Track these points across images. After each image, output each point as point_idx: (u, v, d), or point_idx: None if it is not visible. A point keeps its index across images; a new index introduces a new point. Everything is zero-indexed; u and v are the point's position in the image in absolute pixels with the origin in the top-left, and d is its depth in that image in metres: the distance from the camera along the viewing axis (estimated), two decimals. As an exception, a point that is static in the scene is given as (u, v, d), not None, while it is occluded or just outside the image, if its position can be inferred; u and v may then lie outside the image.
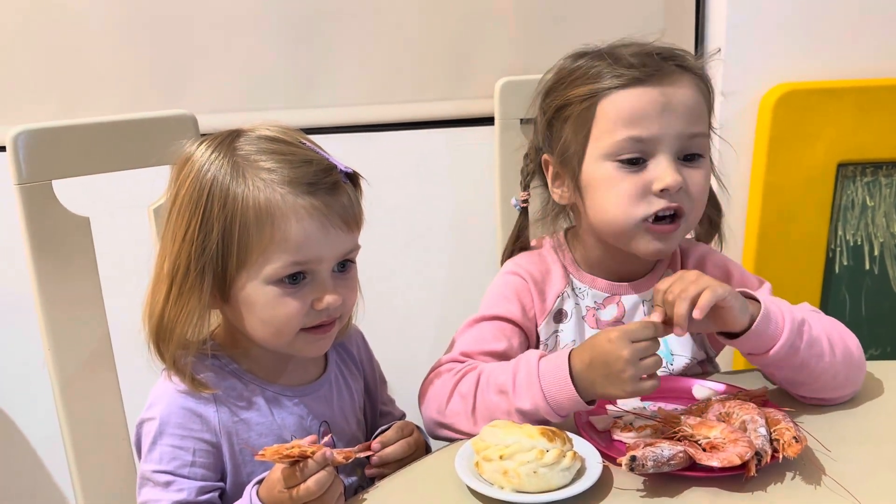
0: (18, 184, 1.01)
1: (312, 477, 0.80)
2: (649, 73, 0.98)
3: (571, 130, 1.02)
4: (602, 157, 1.00)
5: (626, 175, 0.99)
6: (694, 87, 1.00)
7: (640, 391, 0.89)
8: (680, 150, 0.99)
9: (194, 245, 0.87)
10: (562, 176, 1.06)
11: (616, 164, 0.99)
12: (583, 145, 1.01)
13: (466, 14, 1.57)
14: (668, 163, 0.98)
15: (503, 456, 0.82)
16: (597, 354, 0.89)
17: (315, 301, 0.89)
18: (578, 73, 1.03)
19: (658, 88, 0.98)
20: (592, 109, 1.00)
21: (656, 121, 0.97)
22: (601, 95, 0.99)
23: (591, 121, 1.00)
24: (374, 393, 1.08)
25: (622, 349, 0.87)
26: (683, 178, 0.98)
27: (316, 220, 0.87)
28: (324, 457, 0.81)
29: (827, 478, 0.83)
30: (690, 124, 0.99)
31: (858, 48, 1.62)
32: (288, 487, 0.80)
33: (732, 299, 0.90)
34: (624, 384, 0.88)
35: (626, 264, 1.07)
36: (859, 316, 1.71)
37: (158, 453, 0.89)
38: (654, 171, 0.98)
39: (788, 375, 0.97)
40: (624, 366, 0.87)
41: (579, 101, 1.01)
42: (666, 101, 0.98)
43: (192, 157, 0.90)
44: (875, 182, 1.66)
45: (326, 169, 0.89)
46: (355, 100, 1.59)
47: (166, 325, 0.89)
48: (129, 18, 1.48)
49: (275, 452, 0.80)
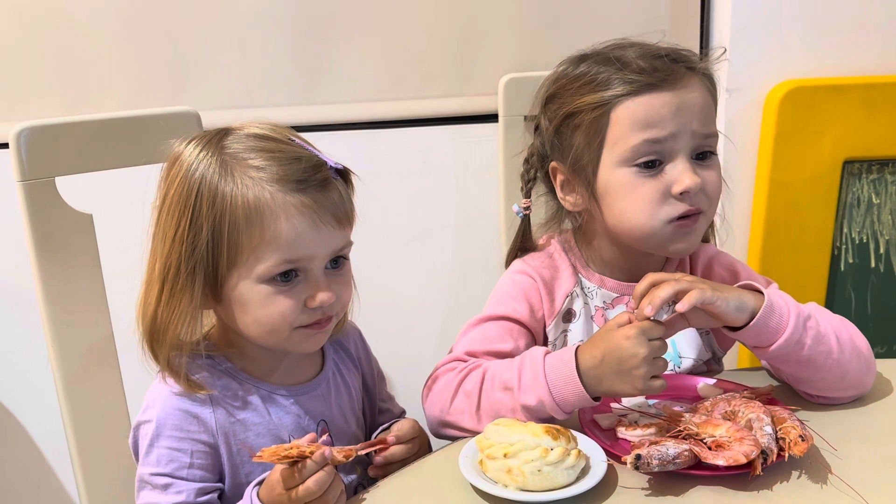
0: (21, 181, 1.01)
1: (312, 477, 0.80)
2: (661, 77, 0.98)
3: (584, 139, 1.01)
4: (618, 163, 1.00)
5: (644, 180, 0.99)
6: (703, 87, 1.01)
7: (650, 390, 0.89)
8: (694, 149, 0.99)
9: (184, 245, 0.87)
10: (572, 183, 1.06)
11: (633, 169, 0.99)
12: (597, 153, 1.01)
13: (470, 11, 1.57)
14: (686, 164, 0.98)
15: (507, 454, 0.82)
16: (610, 350, 0.89)
17: (308, 299, 0.88)
18: (585, 79, 1.02)
19: (671, 92, 0.98)
20: (606, 117, 0.99)
21: (671, 122, 0.97)
22: (614, 103, 0.99)
23: (605, 128, 1.00)
24: (372, 390, 1.08)
25: (640, 346, 0.87)
26: (701, 178, 0.98)
27: (306, 217, 0.86)
28: (322, 456, 0.80)
29: (833, 476, 0.83)
30: (703, 124, 0.99)
31: (864, 45, 1.62)
32: (287, 489, 0.80)
33: (722, 303, 0.90)
34: (635, 381, 0.88)
35: (638, 264, 1.06)
36: (865, 313, 1.70)
37: (156, 456, 0.88)
38: (672, 173, 0.98)
39: (794, 371, 0.97)
40: (640, 363, 0.87)
41: (590, 109, 1.00)
42: (679, 103, 0.98)
43: (180, 156, 0.90)
44: (881, 179, 1.65)
45: (316, 166, 0.89)
46: (360, 96, 1.59)
47: (159, 327, 0.89)
48: (133, 15, 1.47)
49: (272, 454, 0.79)
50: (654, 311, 0.88)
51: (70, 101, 1.49)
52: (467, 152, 1.63)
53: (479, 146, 1.61)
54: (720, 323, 0.93)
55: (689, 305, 0.88)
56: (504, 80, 1.31)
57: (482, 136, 1.59)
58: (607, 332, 0.91)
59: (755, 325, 0.91)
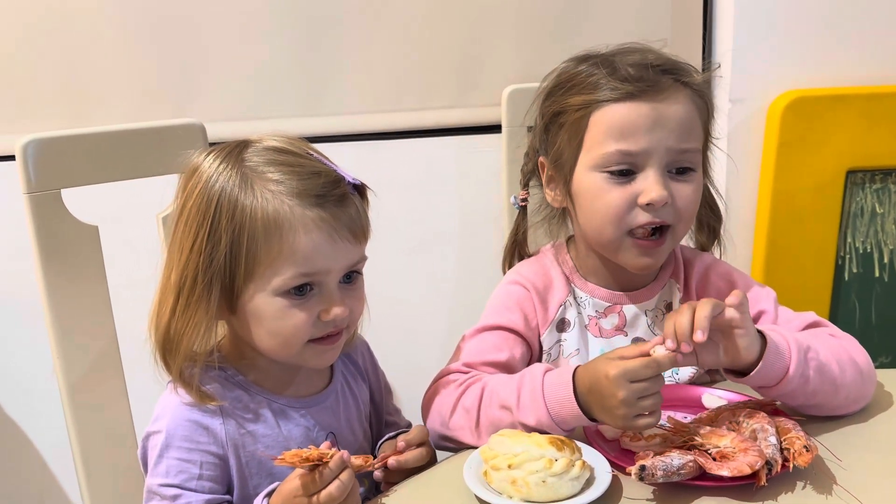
0: (28, 192, 1.01)
1: (334, 482, 0.80)
2: (642, 88, 0.98)
3: (566, 138, 1.03)
4: (592, 167, 1.00)
5: (613, 186, 0.99)
6: (689, 102, 1.00)
7: (633, 428, 0.88)
8: (670, 163, 0.99)
9: (202, 256, 0.87)
10: (555, 180, 1.07)
11: (605, 174, 0.99)
12: (575, 154, 1.02)
13: (474, 22, 1.58)
14: (657, 177, 0.98)
15: (512, 465, 0.82)
16: (594, 383, 0.88)
17: (322, 312, 0.89)
18: (577, 80, 1.03)
19: (650, 104, 0.98)
20: (585, 120, 1.00)
21: (646, 135, 0.98)
22: (594, 107, 1.00)
23: (583, 130, 1.01)
24: (379, 403, 1.08)
25: (618, 389, 0.85)
26: (671, 192, 0.98)
27: (324, 232, 0.87)
28: (341, 460, 0.81)
29: (838, 487, 0.83)
30: (681, 140, 0.99)
31: (867, 55, 1.62)
32: (308, 495, 0.80)
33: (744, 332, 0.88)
34: (616, 420, 0.87)
35: (625, 273, 1.06)
36: (869, 323, 1.70)
37: (165, 467, 0.88)
38: (641, 183, 0.98)
39: (803, 402, 0.96)
40: (618, 405, 0.85)
41: (574, 109, 1.02)
42: (657, 116, 0.98)
43: (199, 168, 0.90)
44: (884, 189, 1.65)
45: (335, 181, 0.89)
46: (363, 108, 1.59)
47: (173, 337, 0.89)
48: (138, 28, 1.48)
49: (294, 455, 0.79)
50: (705, 336, 0.85)
51: (75, 114, 1.49)
52: (471, 163, 1.63)
53: (482, 157, 1.61)
54: (729, 360, 0.91)
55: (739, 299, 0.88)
56: (507, 91, 1.31)
57: (486, 147, 1.59)
58: (600, 360, 0.89)
59: (764, 365, 0.90)
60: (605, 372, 0.86)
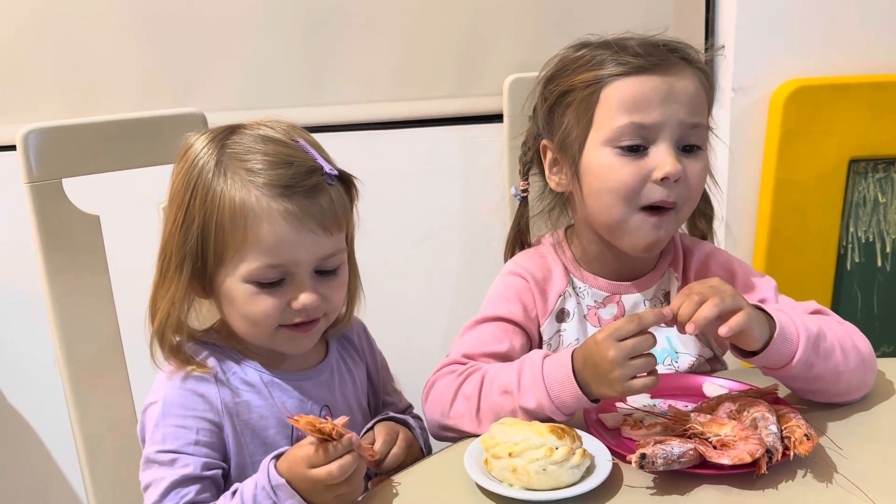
0: (29, 182, 1.02)
1: (337, 461, 0.80)
2: (654, 62, 0.98)
3: (574, 116, 1.02)
4: (603, 143, 1.00)
5: (626, 162, 0.99)
6: (696, 79, 1.01)
7: (630, 391, 0.87)
8: (680, 138, 0.99)
9: (177, 235, 0.89)
10: (560, 162, 1.06)
11: (616, 150, 0.99)
12: (585, 131, 1.02)
13: (475, 11, 1.57)
14: (669, 150, 0.98)
15: (512, 453, 0.82)
16: (587, 355, 0.89)
17: (292, 300, 0.89)
18: (583, 60, 1.03)
19: (661, 77, 0.98)
20: (596, 95, 1.00)
21: (658, 108, 0.98)
22: (605, 82, 1.00)
23: (594, 107, 1.00)
24: (376, 382, 1.08)
25: (607, 350, 0.86)
26: (684, 167, 0.98)
27: (289, 223, 0.87)
28: (350, 441, 0.80)
29: (838, 475, 0.83)
30: (692, 114, 0.99)
31: (870, 44, 1.61)
32: (310, 467, 0.80)
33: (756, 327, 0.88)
34: (613, 384, 0.87)
35: (625, 261, 1.06)
36: (871, 313, 1.70)
37: (161, 434, 0.89)
38: (655, 158, 0.98)
39: (803, 386, 0.96)
40: (611, 367, 0.86)
41: (583, 87, 1.01)
42: (669, 90, 0.98)
43: (190, 148, 0.91)
44: (887, 178, 1.65)
45: (308, 171, 0.89)
46: (365, 98, 1.59)
47: (153, 304, 0.92)
48: (139, 17, 1.48)
49: (308, 422, 0.79)
50: (696, 331, 0.86)
51: (77, 104, 1.49)
52: (472, 152, 1.63)
53: (483, 146, 1.61)
54: (738, 342, 0.91)
55: (733, 331, 0.86)
56: (509, 81, 1.31)
57: (487, 137, 1.59)
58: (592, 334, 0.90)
59: (769, 352, 0.90)
60: (594, 339, 0.88)
